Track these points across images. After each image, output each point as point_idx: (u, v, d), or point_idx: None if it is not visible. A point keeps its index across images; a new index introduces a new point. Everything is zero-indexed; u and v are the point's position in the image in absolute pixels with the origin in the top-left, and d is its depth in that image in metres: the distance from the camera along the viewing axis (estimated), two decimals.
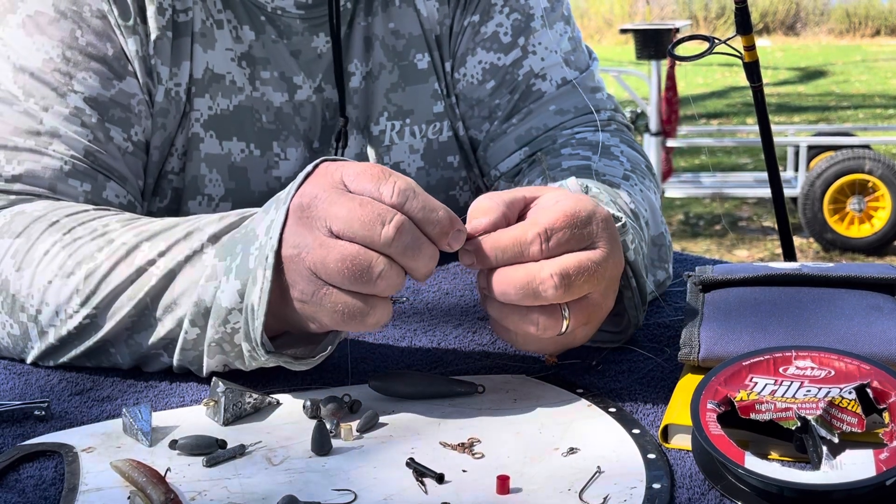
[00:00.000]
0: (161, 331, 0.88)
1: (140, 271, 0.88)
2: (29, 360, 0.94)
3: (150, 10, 1.08)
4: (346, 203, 0.77)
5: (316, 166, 0.81)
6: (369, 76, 1.18)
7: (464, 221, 0.81)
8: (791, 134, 6.61)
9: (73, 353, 0.91)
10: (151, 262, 0.88)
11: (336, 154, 1.18)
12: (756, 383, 0.74)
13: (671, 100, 5.79)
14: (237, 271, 0.82)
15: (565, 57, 1.21)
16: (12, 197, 1.00)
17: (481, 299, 0.84)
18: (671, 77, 5.72)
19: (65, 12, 1.06)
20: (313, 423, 0.77)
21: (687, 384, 0.81)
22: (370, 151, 1.20)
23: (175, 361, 0.89)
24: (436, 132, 1.21)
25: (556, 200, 0.82)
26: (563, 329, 0.81)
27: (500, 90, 1.19)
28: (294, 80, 1.15)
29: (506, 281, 0.79)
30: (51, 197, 1.01)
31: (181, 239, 0.88)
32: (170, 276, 0.87)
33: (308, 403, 0.82)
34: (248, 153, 1.14)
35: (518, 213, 0.83)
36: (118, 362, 0.91)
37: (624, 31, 6.47)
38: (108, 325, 0.89)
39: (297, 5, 1.13)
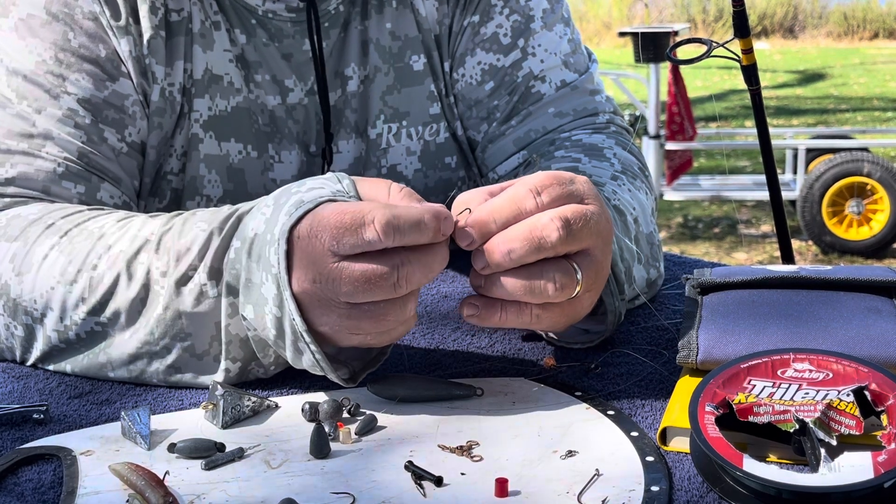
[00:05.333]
0: (169, 359, 0.89)
1: (146, 289, 0.88)
2: (31, 360, 0.94)
3: (143, 10, 1.08)
4: (350, 281, 0.77)
5: (289, 238, 0.79)
6: (367, 80, 1.18)
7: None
8: (790, 137, 6.61)
9: (76, 359, 0.91)
10: (155, 282, 0.88)
11: (324, 165, 1.18)
12: (754, 386, 0.74)
13: (685, 103, 5.80)
14: (262, 321, 0.83)
15: (565, 59, 1.21)
16: (7, 200, 1.01)
17: (484, 290, 0.82)
18: (679, 81, 5.72)
19: (57, 15, 1.06)
20: (312, 426, 0.77)
21: (685, 387, 0.81)
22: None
23: (169, 381, 0.90)
24: (432, 134, 1.21)
25: (534, 174, 0.84)
26: (577, 289, 0.81)
27: (499, 91, 1.19)
28: (286, 83, 1.15)
29: (508, 238, 0.79)
30: (45, 199, 1.02)
31: (173, 259, 0.88)
32: (175, 308, 0.87)
33: (307, 406, 0.82)
34: (246, 154, 1.14)
35: None
36: (111, 378, 0.92)
37: (622, 35, 6.48)
38: (116, 344, 0.90)
39: (289, 9, 1.14)
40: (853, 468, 0.68)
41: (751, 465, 0.68)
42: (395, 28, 1.18)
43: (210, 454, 0.76)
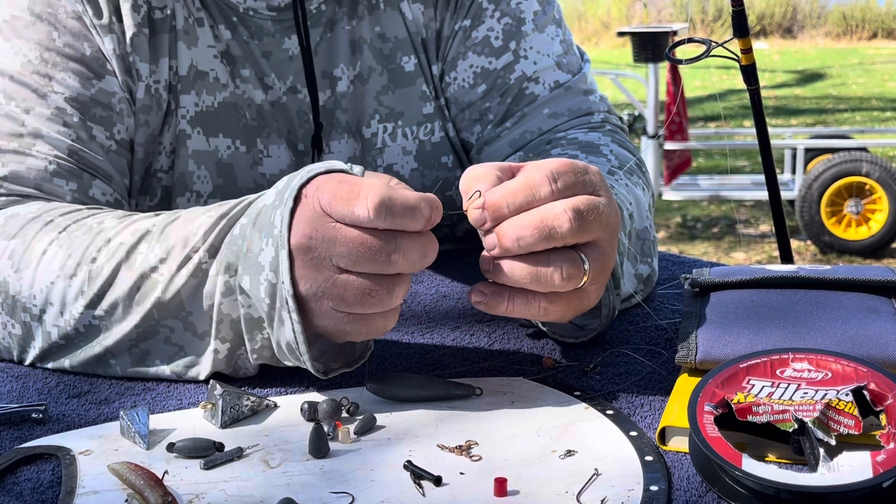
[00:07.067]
0: (173, 338, 0.89)
1: (143, 277, 0.88)
2: (29, 359, 0.94)
3: (125, 8, 1.09)
4: (346, 242, 0.77)
5: (296, 197, 0.79)
6: (358, 79, 1.18)
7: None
8: (788, 137, 6.61)
9: (74, 354, 0.91)
10: (154, 269, 0.88)
11: (315, 160, 1.18)
12: (753, 385, 0.74)
13: (682, 103, 5.80)
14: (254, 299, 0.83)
15: (557, 60, 1.21)
16: (3, 199, 1.01)
17: (492, 275, 0.81)
18: (678, 81, 5.72)
19: (40, 15, 1.07)
20: (311, 425, 0.77)
21: (684, 386, 0.81)
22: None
23: (170, 371, 0.90)
24: (427, 133, 1.21)
25: (549, 159, 0.83)
26: (584, 280, 0.81)
27: (492, 94, 1.19)
28: (265, 80, 1.16)
29: (520, 224, 0.79)
30: (41, 197, 1.02)
31: (178, 245, 0.88)
32: (174, 288, 0.87)
33: (305, 406, 0.82)
34: (234, 149, 1.15)
35: (510, 177, 0.83)
36: (115, 372, 0.91)
37: (621, 34, 6.47)
38: (114, 334, 0.90)
39: (269, 7, 1.14)
40: (852, 468, 0.68)
41: (750, 465, 0.68)
42: (384, 29, 1.18)
43: (209, 454, 0.76)
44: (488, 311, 0.83)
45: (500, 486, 0.69)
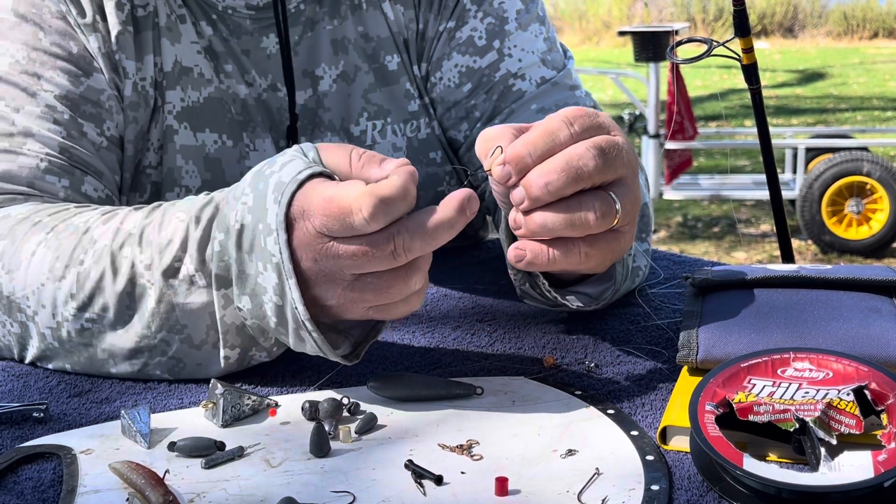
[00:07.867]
0: (169, 352, 0.89)
1: (132, 282, 0.88)
2: (28, 358, 0.94)
3: (109, 7, 1.09)
4: (349, 255, 0.78)
5: (287, 225, 0.79)
6: (342, 78, 1.18)
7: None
8: (789, 136, 6.61)
9: (74, 360, 0.91)
10: (140, 276, 0.88)
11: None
12: (754, 385, 0.74)
13: (685, 102, 5.80)
14: (261, 311, 0.84)
15: (542, 57, 1.21)
16: None
17: (525, 231, 0.81)
18: (679, 81, 5.72)
19: (25, 16, 1.08)
20: (312, 424, 0.77)
21: (685, 386, 0.81)
22: None
23: (171, 375, 0.90)
24: (414, 130, 1.22)
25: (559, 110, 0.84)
26: (617, 217, 0.81)
27: (477, 92, 1.20)
28: (246, 77, 1.16)
29: (546, 170, 0.79)
30: (33, 195, 1.02)
31: (156, 252, 0.88)
32: (167, 301, 0.87)
33: (306, 405, 0.82)
34: (222, 144, 1.15)
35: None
36: (114, 374, 0.91)
37: (622, 34, 6.48)
38: (108, 340, 0.90)
39: (248, 6, 1.14)
40: (853, 467, 0.68)
41: (751, 465, 0.68)
42: (367, 29, 1.19)
43: (210, 453, 0.76)
44: (531, 269, 0.83)
45: (501, 486, 0.69)
